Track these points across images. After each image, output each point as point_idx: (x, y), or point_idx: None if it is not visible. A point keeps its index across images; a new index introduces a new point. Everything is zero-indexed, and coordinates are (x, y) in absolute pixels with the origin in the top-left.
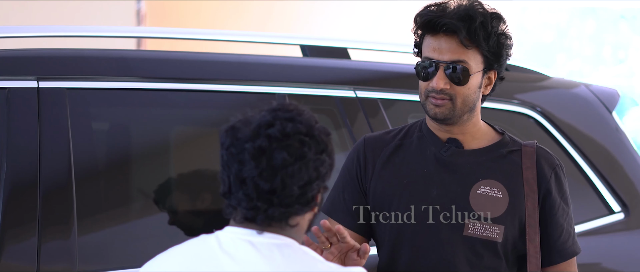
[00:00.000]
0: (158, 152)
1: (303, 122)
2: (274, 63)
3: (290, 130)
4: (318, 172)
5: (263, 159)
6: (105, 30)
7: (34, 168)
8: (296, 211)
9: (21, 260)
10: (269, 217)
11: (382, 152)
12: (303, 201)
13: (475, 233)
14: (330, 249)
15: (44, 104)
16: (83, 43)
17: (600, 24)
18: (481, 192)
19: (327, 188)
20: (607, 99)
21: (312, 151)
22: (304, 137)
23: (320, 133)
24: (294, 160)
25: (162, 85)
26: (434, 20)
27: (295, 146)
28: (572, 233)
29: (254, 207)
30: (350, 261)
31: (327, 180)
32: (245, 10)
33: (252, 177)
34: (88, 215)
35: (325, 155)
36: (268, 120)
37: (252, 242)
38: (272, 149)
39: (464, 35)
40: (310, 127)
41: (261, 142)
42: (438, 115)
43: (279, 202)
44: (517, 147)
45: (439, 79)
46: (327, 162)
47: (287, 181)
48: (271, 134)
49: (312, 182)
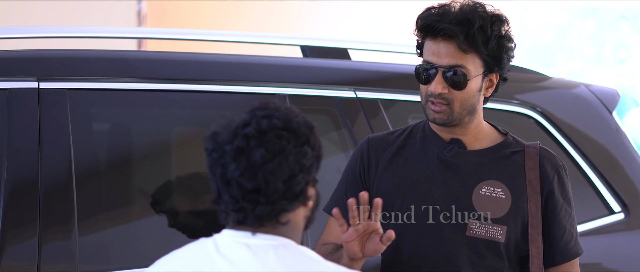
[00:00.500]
0: (158, 153)
1: (280, 117)
2: (274, 64)
3: (265, 126)
4: (301, 165)
5: (242, 158)
6: (105, 31)
7: (34, 169)
8: (284, 207)
9: (22, 260)
10: (257, 217)
11: (386, 153)
12: (290, 195)
13: (478, 234)
14: (358, 226)
15: (44, 104)
16: (84, 44)
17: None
18: (484, 192)
19: (316, 181)
20: (607, 99)
21: (291, 144)
22: (281, 132)
23: (300, 126)
24: (272, 156)
25: (162, 86)
26: (433, 25)
27: (273, 141)
28: (574, 234)
29: (241, 208)
30: (372, 244)
31: (314, 172)
32: (245, 11)
33: (235, 178)
34: (89, 215)
35: (308, 147)
36: (245, 120)
37: (247, 244)
38: (250, 148)
39: (461, 40)
40: (288, 121)
41: (239, 142)
42: (437, 120)
43: (265, 200)
44: (520, 148)
45: (438, 84)
46: (309, 154)
47: (269, 178)
48: (248, 133)
49: (296, 175)
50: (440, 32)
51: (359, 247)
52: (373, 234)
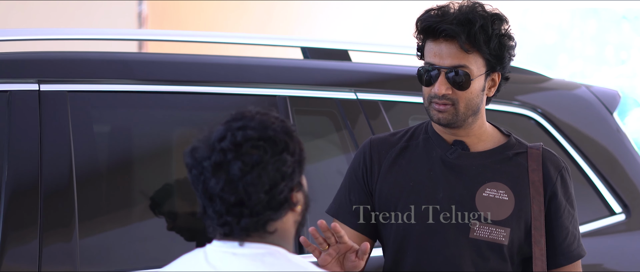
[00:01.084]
0: (159, 155)
1: (255, 127)
2: (274, 65)
3: (241, 138)
4: (281, 173)
5: (221, 173)
6: (106, 33)
7: (35, 171)
8: (269, 217)
9: (23, 262)
10: (243, 230)
11: (388, 154)
12: (274, 205)
13: (481, 236)
14: (329, 251)
15: (45, 106)
16: (84, 46)
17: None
18: (487, 194)
19: (301, 185)
20: (608, 100)
21: (268, 154)
22: (257, 142)
23: (277, 133)
24: (250, 168)
25: (163, 87)
26: (434, 26)
27: (250, 152)
28: (577, 236)
29: (226, 222)
30: (349, 263)
31: (297, 178)
32: (245, 12)
33: (216, 193)
34: (89, 217)
35: (286, 154)
36: (221, 134)
37: (235, 254)
38: (228, 161)
39: (463, 40)
40: (264, 130)
41: (216, 158)
42: (441, 120)
43: (250, 212)
44: (523, 149)
45: (441, 85)
46: (289, 160)
47: (250, 190)
48: (224, 146)
49: (278, 184)
50: (442, 33)
51: (338, 267)
52: (348, 253)
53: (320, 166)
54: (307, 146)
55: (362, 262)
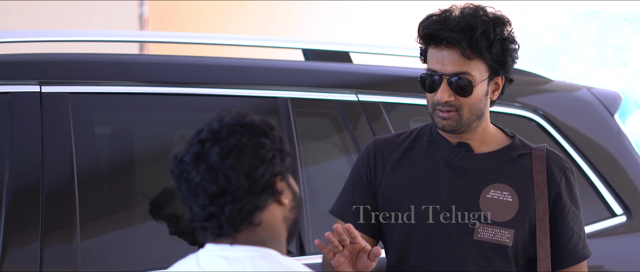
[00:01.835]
0: (160, 157)
1: (232, 117)
2: (276, 67)
3: (217, 126)
4: (261, 157)
5: (201, 163)
6: (107, 34)
7: (36, 172)
8: (252, 203)
9: (24, 264)
10: (230, 222)
11: (392, 155)
12: (255, 190)
13: (486, 237)
14: (343, 252)
15: (46, 108)
16: (85, 47)
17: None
18: (491, 196)
19: (283, 174)
20: (609, 101)
21: (245, 137)
22: (234, 128)
23: (255, 121)
24: (228, 151)
25: (164, 89)
26: (435, 33)
27: (227, 138)
28: (582, 236)
29: (210, 214)
30: (361, 263)
31: (278, 165)
32: (247, 14)
33: (198, 183)
34: (91, 218)
35: (265, 138)
36: (198, 130)
37: (226, 257)
38: (206, 150)
39: (465, 47)
40: (240, 119)
41: (194, 149)
42: (446, 127)
43: (232, 199)
44: (527, 150)
45: (443, 92)
46: (268, 144)
47: (230, 174)
48: (202, 137)
49: (258, 167)
50: (443, 40)
51: (351, 267)
52: (361, 253)
53: (321, 168)
54: (308, 148)
55: (373, 263)
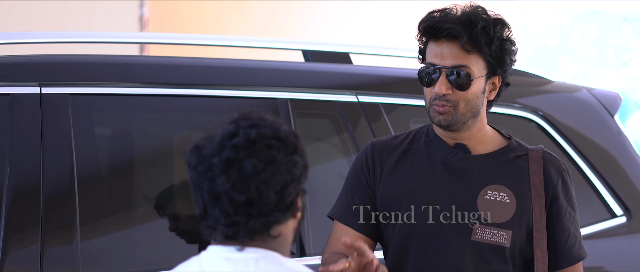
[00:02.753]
0: (160, 158)
1: (267, 126)
2: (276, 68)
3: (255, 136)
4: (292, 175)
5: (233, 170)
6: (107, 35)
7: (36, 173)
8: (276, 219)
9: (24, 265)
10: (250, 231)
11: (390, 157)
12: (282, 207)
13: (483, 238)
14: (351, 265)
15: (46, 110)
16: (85, 49)
17: (604, 27)
18: (489, 197)
19: (304, 191)
20: (609, 102)
21: (281, 154)
22: (271, 141)
23: (288, 135)
24: (264, 165)
25: (164, 90)
26: (436, 26)
27: (264, 151)
28: (578, 238)
29: (233, 222)
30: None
31: (303, 182)
32: (247, 15)
33: (226, 191)
34: (91, 219)
35: (297, 155)
36: (231, 131)
37: (229, 259)
38: (240, 159)
39: (465, 40)
40: (276, 130)
41: (228, 154)
42: (441, 122)
43: (258, 213)
44: (524, 152)
45: (441, 85)
46: (299, 162)
47: (262, 188)
48: (237, 143)
49: (288, 185)
50: (443, 32)
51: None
52: (367, 264)
53: (321, 169)
54: (309, 149)
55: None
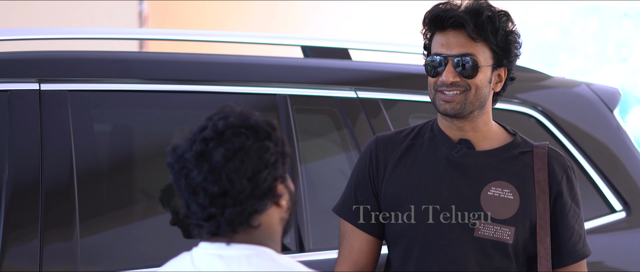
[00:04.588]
0: (160, 154)
1: (236, 117)
2: (275, 64)
3: (222, 126)
4: (264, 161)
5: (204, 162)
6: (107, 32)
7: (36, 170)
8: (253, 207)
9: (24, 262)
10: (229, 223)
11: (394, 153)
12: (257, 193)
13: (486, 234)
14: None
15: (45, 106)
16: (85, 45)
17: (604, 22)
18: (492, 193)
19: (285, 178)
20: (608, 98)
21: (250, 140)
22: (239, 129)
23: (259, 123)
24: (233, 154)
25: (163, 86)
26: (442, 15)
27: (232, 139)
28: (582, 235)
29: (210, 214)
30: None
31: (280, 169)
32: (247, 11)
33: (199, 183)
34: (90, 216)
35: (269, 142)
36: (202, 126)
37: (221, 256)
38: (209, 150)
39: (471, 28)
40: (245, 119)
41: (198, 147)
42: (448, 111)
43: (233, 202)
44: (529, 148)
45: (448, 73)
46: (272, 148)
47: (233, 177)
48: (206, 135)
49: (261, 171)
50: (450, 20)
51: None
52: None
53: (320, 165)
54: (308, 145)
55: None
